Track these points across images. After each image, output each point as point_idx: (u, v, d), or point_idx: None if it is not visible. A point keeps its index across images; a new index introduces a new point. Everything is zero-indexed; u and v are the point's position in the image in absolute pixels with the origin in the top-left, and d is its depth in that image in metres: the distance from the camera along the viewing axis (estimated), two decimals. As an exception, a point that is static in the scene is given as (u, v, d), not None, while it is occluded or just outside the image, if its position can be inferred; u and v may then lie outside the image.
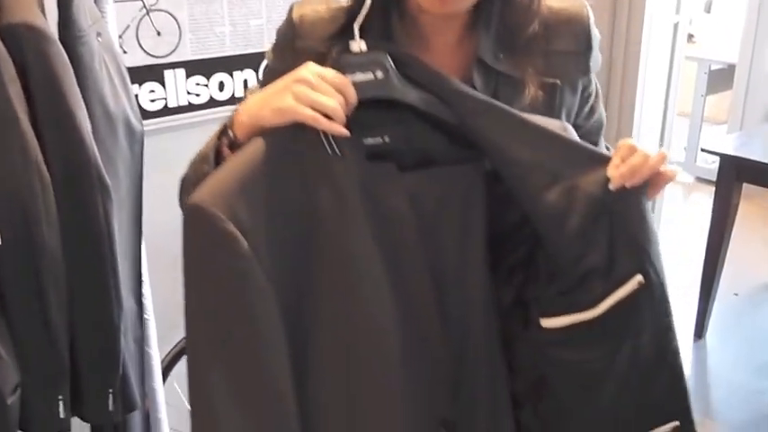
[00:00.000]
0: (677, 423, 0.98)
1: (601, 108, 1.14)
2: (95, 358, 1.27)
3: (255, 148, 0.87)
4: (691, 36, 4.64)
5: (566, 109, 1.05)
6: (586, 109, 1.11)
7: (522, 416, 1.03)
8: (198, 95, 1.94)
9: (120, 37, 1.75)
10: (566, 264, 0.94)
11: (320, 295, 0.91)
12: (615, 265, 0.93)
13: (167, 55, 1.86)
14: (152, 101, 1.86)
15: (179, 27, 1.86)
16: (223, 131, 0.94)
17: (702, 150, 2.98)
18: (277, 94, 0.88)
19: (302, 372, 0.91)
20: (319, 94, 0.86)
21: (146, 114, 1.80)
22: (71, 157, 1.15)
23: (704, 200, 3.28)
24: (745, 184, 2.92)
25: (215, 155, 0.93)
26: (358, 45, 0.91)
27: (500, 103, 0.94)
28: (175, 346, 1.77)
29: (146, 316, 1.50)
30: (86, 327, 1.25)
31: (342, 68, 0.90)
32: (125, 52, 1.77)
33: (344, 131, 0.87)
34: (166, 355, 1.74)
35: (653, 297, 0.94)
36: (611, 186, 0.90)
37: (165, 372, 1.73)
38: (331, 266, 0.90)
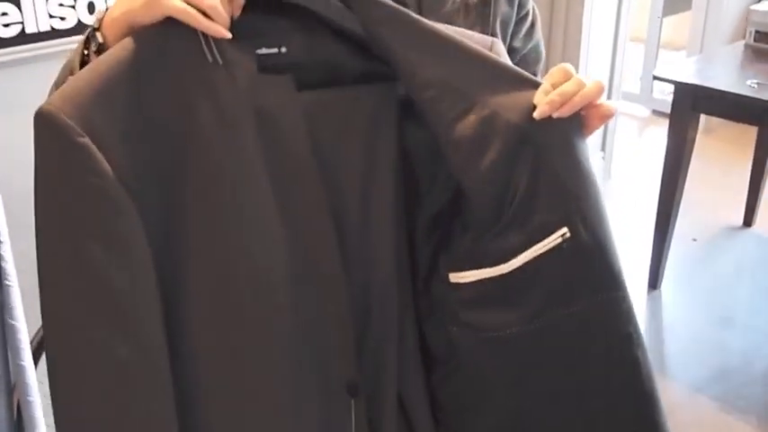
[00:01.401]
0: None
1: (539, 38, 1.15)
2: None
3: (122, 50, 0.85)
4: (645, -51, 4.69)
5: (501, 18, 1.05)
6: (524, 29, 1.12)
7: (434, 383, 1.03)
8: (63, 19, 1.88)
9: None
10: (478, 209, 0.93)
11: (196, 231, 0.89)
12: (536, 213, 0.91)
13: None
14: (5, 26, 1.79)
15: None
16: (91, 36, 0.90)
17: (656, 78, 3.00)
18: None
19: (174, 317, 0.90)
20: None
21: (-2, 42, 1.76)
22: None
23: (661, 135, 3.27)
24: (705, 116, 2.99)
25: (81, 65, 0.90)
26: None
27: (409, 11, 0.91)
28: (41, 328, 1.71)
29: (7, 282, 1.45)
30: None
31: None
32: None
33: (224, 32, 0.85)
34: (39, 329, 1.67)
35: (584, 259, 0.92)
36: (536, 114, 0.88)
37: (39, 348, 1.65)
38: (209, 197, 0.88)
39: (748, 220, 3.54)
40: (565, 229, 0.90)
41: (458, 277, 0.95)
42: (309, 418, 0.97)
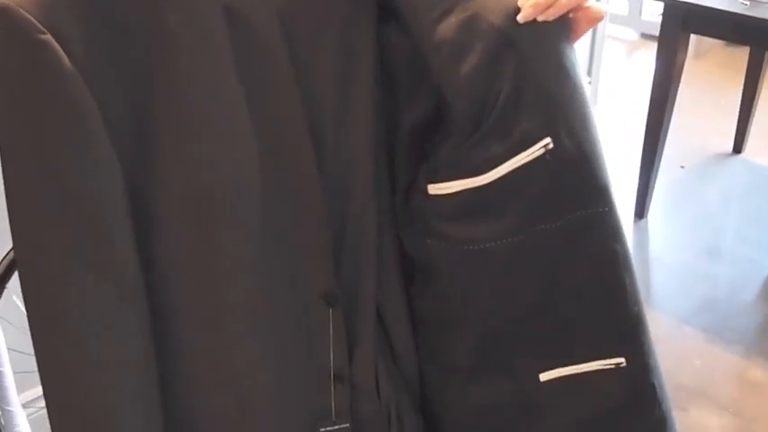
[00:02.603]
0: (620, 360, 0.97)
1: None
2: None
3: None
4: None
5: None
6: None
7: (412, 295, 1.04)
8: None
9: None
10: (459, 116, 0.91)
11: (165, 136, 0.87)
12: (518, 122, 0.89)
13: None
14: None
15: None
16: None
17: (645, -2, 2.93)
18: None
19: (146, 225, 0.89)
20: None
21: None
22: None
23: (649, 59, 3.29)
24: (696, 37, 3.01)
25: None
26: None
27: None
28: (11, 250, 1.63)
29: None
30: None
31: None
32: None
33: None
34: (9, 251, 1.62)
35: (568, 172, 0.91)
36: (520, 17, 0.87)
37: (9, 268, 1.63)
38: (178, 101, 0.86)
39: (738, 147, 3.54)
40: (548, 140, 0.89)
41: (436, 188, 0.94)
42: (288, 328, 0.98)
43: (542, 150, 0.89)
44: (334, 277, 0.98)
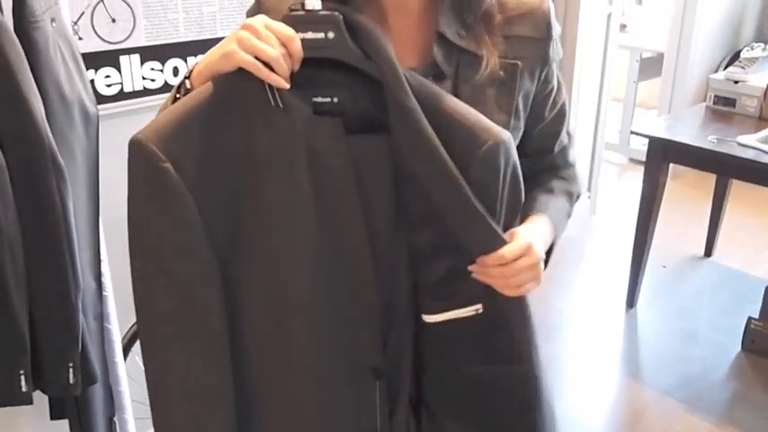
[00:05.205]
0: None
1: (563, 99, 1.13)
2: (54, 335, 1.25)
3: (201, 91, 0.86)
4: (623, 26, 4.69)
5: (523, 93, 1.03)
6: (550, 101, 1.10)
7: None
8: (153, 80, 1.90)
9: (75, 23, 1.71)
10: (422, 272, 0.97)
11: (251, 241, 0.89)
12: (460, 288, 0.95)
13: (122, 41, 1.82)
14: (108, 86, 1.82)
15: (133, 14, 1.82)
16: (182, 83, 0.91)
17: (632, 133, 3.01)
18: (227, 40, 0.86)
19: (233, 315, 0.91)
20: (262, 42, 0.83)
21: (102, 99, 1.78)
22: (25, 141, 1.13)
23: (637, 179, 3.23)
24: (672, 164, 2.95)
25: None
26: (312, 3, 0.87)
27: (416, 114, 0.87)
28: (136, 323, 1.73)
29: (105, 293, 1.49)
30: (45, 305, 1.23)
31: (294, 25, 0.86)
32: (80, 38, 1.73)
33: (282, 82, 0.84)
34: (127, 331, 1.72)
35: (491, 329, 0.97)
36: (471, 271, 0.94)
37: (127, 347, 1.71)
38: (267, 218, 0.88)
39: (709, 251, 3.52)
40: (479, 306, 0.96)
41: (427, 318, 0.99)
42: (340, 396, 0.98)
43: (473, 312, 0.95)
44: (382, 356, 0.98)
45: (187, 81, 0.90)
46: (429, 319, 0.97)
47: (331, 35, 0.87)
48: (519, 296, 0.95)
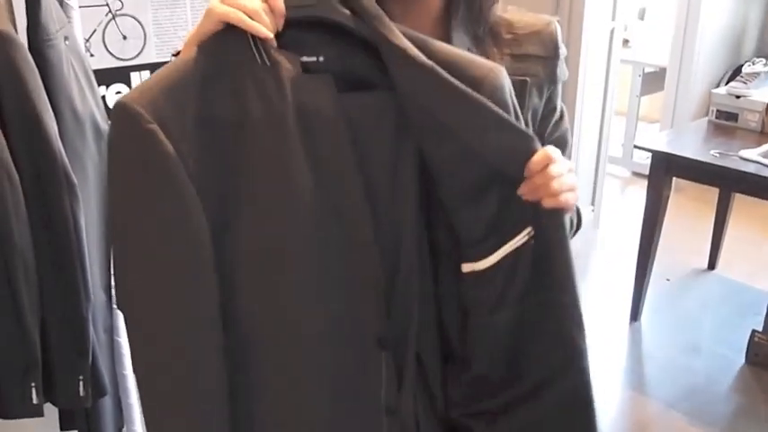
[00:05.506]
0: None
1: (566, 127, 1.13)
2: (65, 348, 1.26)
3: (189, 54, 0.85)
4: (626, 41, 4.69)
5: (532, 110, 1.04)
6: (552, 121, 1.10)
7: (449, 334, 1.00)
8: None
9: (87, 41, 1.73)
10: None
11: (247, 208, 0.87)
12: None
13: (133, 58, 1.83)
14: (119, 102, 1.83)
15: (144, 31, 1.84)
16: (174, 58, 0.90)
17: (636, 147, 3.02)
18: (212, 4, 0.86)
19: (229, 283, 0.87)
20: None
21: (113, 115, 1.79)
22: (38, 157, 1.15)
23: (640, 193, 3.28)
24: (675, 178, 2.95)
25: None
26: None
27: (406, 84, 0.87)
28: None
29: (114, 306, 1.49)
30: (56, 318, 1.24)
31: None
32: (92, 55, 1.75)
33: (265, 31, 0.83)
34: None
35: (539, 258, 0.92)
36: (521, 193, 0.89)
37: None
38: (258, 180, 0.86)
39: (712, 264, 3.51)
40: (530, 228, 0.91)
41: (469, 267, 0.94)
42: (344, 367, 0.95)
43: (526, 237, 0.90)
44: (386, 324, 0.94)
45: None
46: (480, 265, 0.92)
47: None
48: (559, 214, 0.90)
